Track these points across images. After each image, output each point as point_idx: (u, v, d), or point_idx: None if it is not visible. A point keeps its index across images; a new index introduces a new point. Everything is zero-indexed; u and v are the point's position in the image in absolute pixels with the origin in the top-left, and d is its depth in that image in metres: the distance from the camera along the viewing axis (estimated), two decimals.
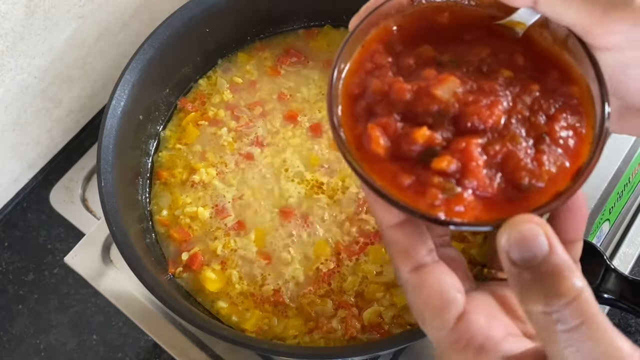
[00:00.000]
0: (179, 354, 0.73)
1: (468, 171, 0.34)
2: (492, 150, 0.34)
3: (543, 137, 0.35)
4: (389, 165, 0.35)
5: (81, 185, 0.90)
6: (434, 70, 0.37)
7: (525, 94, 0.36)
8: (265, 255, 0.72)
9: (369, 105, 0.37)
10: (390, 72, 0.38)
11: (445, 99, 0.35)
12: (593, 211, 0.77)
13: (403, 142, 0.35)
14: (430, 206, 0.33)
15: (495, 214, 0.34)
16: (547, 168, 0.34)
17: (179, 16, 0.75)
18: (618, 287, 0.59)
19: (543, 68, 0.38)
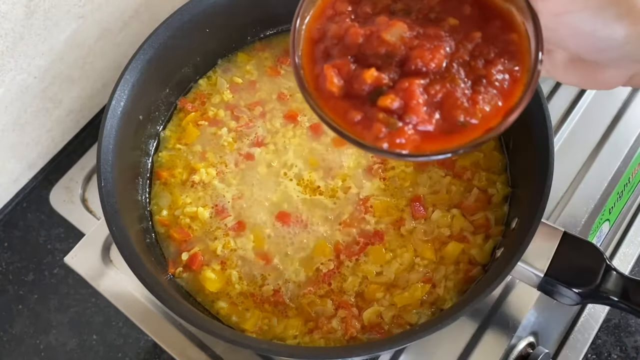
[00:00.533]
0: (178, 354, 0.73)
1: (409, 108, 0.38)
2: (433, 90, 0.38)
3: (480, 79, 0.39)
4: (342, 103, 0.39)
5: (81, 186, 0.90)
6: (386, 17, 0.40)
7: (467, 40, 0.40)
8: (265, 256, 0.71)
9: (327, 48, 0.41)
10: (348, 18, 0.42)
11: (393, 42, 0.39)
12: (593, 211, 0.77)
13: (354, 81, 0.39)
14: (375, 138, 0.38)
15: (433, 146, 0.38)
16: (481, 107, 0.39)
17: (179, 16, 0.75)
18: (618, 287, 0.59)
19: (488, 17, 0.41)
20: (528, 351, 0.71)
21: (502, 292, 0.73)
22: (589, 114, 0.84)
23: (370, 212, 0.72)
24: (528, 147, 0.67)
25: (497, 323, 0.71)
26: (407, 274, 0.69)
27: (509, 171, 0.74)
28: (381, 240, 0.71)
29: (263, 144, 0.78)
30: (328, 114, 0.40)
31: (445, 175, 0.74)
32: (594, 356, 0.78)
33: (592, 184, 0.79)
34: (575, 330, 0.76)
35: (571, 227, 0.75)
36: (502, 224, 0.71)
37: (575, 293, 0.60)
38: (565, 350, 0.75)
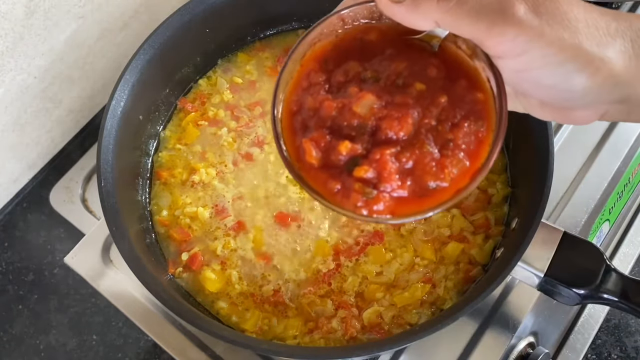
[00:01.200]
0: (178, 354, 0.73)
1: (382, 178, 0.40)
2: (404, 158, 0.40)
3: (448, 143, 0.41)
4: (321, 174, 0.42)
5: (81, 186, 0.90)
6: (357, 88, 0.42)
7: (434, 106, 0.41)
8: (264, 256, 0.71)
9: (304, 120, 0.43)
10: (322, 89, 0.43)
11: (363, 114, 0.41)
12: (593, 211, 0.77)
13: (331, 153, 0.41)
14: (354, 207, 0.41)
15: (408, 209, 0.41)
16: (449, 170, 0.40)
17: (178, 16, 0.75)
18: (618, 287, 0.59)
19: (454, 77, 0.43)
20: (528, 351, 0.71)
21: (502, 292, 0.73)
22: None
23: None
24: (528, 147, 0.67)
25: (497, 323, 0.71)
26: (407, 274, 0.69)
27: (509, 171, 0.74)
28: (381, 240, 0.71)
29: (263, 144, 0.78)
30: (311, 185, 0.42)
31: None
32: (594, 356, 0.78)
33: (592, 184, 0.79)
34: (575, 331, 0.76)
35: (571, 227, 0.75)
36: (502, 224, 0.71)
37: (575, 293, 0.60)
38: (565, 350, 0.75)
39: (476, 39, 0.39)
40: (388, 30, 0.45)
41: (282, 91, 0.45)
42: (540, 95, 0.42)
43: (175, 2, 0.78)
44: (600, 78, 0.38)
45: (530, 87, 0.41)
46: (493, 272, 0.64)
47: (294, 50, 0.44)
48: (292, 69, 0.45)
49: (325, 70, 0.45)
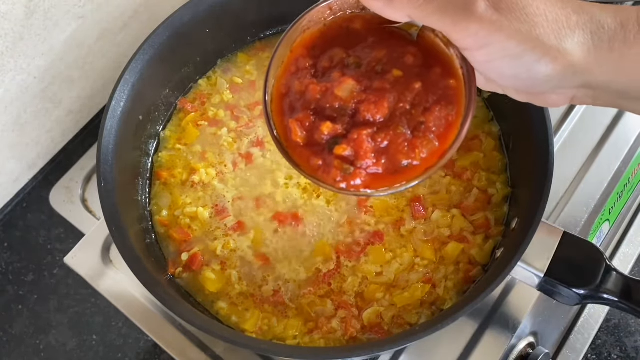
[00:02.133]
0: (178, 355, 0.73)
1: (359, 155, 0.45)
2: (379, 138, 0.45)
3: (420, 125, 0.45)
4: (305, 151, 0.47)
5: (81, 186, 0.90)
6: (340, 73, 0.46)
7: (409, 91, 0.45)
8: (264, 256, 0.71)
9: (292, 103, 0.48)
10: (309, 74, 0.48)
11: (344, 98, 0.46)
12: (593, 211, 0.77)
13: (315, 132, 0.46)
14: (334, 181, 0.46)
15: (382, 183, 0.46)
16: (420, 150, 0.45)
17: (178, 17, 0.75)
18: (618, 287, 0.59)
19: (429, 65, 0.46)
20: (528, 351, 0.71)
21: (502, 292, 0.73)
22: (589, 114, 0.84)
23: (370, 213, 0.72)
24: (528, 147, 0.67)
25: (497, 323, 0.71)
26: (407, 274, 0.69)
27: (509, 171, 0.74)
28: (381, 241, 0.71)
29: (263, 145, 0.78)
30: (296, 161, 0.48)
31: (445, 176, 0.74)
32: (594, 356, 0.78)
33: (592, 184, 0.79)
34: (575, 331, 0.76)
35: (571, 227, 0.75)
36: (502, 224, 0.71)
37: (575, 293, 0.60)
38: (565, 350, 0.75)
39: (444, 32, 0.43)
40: (372, 19, 0.48)
41: (273, 76, 0.49)
42: (506, 83, 0.45)
43: (175, 2, 0.77)
44: (560, 67, 0.41)
45: (496, 76, 0.44)
46: (493, 272, 0.64)
47: (285, 36, 0.48)
48: (282, 54, 0.49)
49: (313, 56, 0.49)
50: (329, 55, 0.48)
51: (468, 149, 0.75)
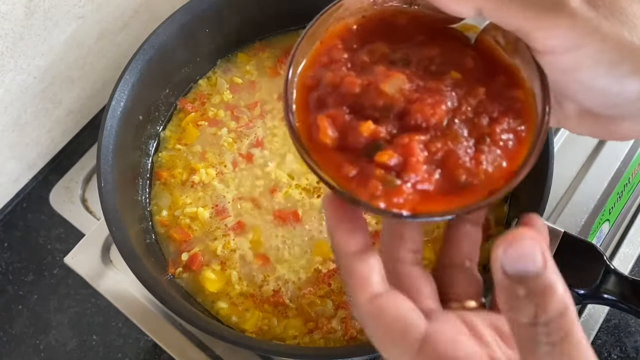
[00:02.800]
0: (178, 355, 0.73)
1: (408, 166, 0.35)
2: (434, 147, 0.35)
3: (484, 138, 0.36)
4: (336, 156, 0.36)
5: (81, 186, 0.90)
6: (384, 67, 0.38)
7: (471, 96, 0.37)
8: (264, 256, 0.71)
9: (321, 97, 0.38)
10: (344, 67, 0.39)
11: (392, 95, 0.36)
12: (593, 212, 0.77)
13: (350, 134, 0.36)
14: (371, 197, 0.35)
15: (432, 206, 0.35)
16: (484, 167, 0.36)
17: (178, 16, 0.75)
18: (618, 288, 0.59)
19: (491, 72, 0.39)
20: None
21: None
22: None
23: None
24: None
25: None
26: None
27: None
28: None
29: (263, 145, 0.78)
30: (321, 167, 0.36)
31: None
32: None
33: (592, 184, 0.79)
34: None
35: (571, 227, 0.75)
36: (502, 225, 0.71)
37: (575, 293, 0.59)
38: None
39: (522, 30, 0.35)
40: (420, 16, 0.41)
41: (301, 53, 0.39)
42: (586, 100, 0.38)
43: (175, 2, 0.77)
44: None
45: (577, 90, 0.37)
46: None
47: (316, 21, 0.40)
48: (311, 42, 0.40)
49: (349, 49, 0.40)
50: (369, 48, 0.40)
51: None
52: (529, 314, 0.30)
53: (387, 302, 0.34)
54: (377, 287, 0.35)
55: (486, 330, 0.36)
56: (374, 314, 0.34)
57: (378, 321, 0.34)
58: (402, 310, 0.34)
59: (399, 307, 0.34)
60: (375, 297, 0.35)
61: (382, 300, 0.35)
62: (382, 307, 0.34)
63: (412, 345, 0.33)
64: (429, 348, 0.33)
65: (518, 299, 0.30)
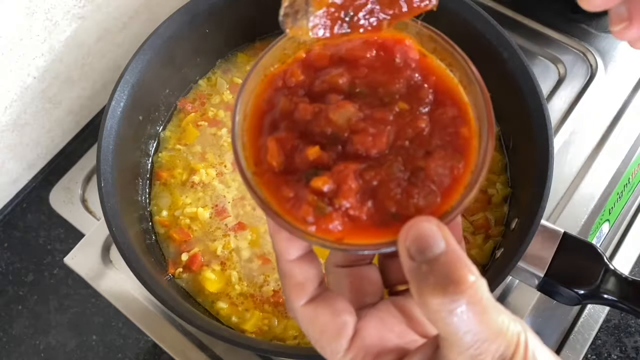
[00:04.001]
0: (178, 355, 0.73)
1: (341, 192, 0.35)
2: (368, 176, 0.36)
3: (419, 171, 0.36)
4: (276, 179, 0.37)
5: (81, 186, 0.90)
6: (337, 96, 0.38)
7: (412, 128, 0.37)
8: (265, 256, 0.71)
9: (275, 121, 0.39)
10: (300, 90, 0.39)
11: (340, 124, 0.37)
12: (593, 211, 0.77)
13: (297, 157, 0.37)
14: (302, 221, 0.35)
15: (363, 237, 0.36)
16: (415, 201, 0.35)
17: (178, 17, 0.75)
18: (618, 288, 0.59)
19: (443, 104, 0.39)
20: None
21: (502, 292, 0.73)
22: (589, 114, 0.84)
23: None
24: (528, 147, 0.67)
25: None
26: None
27: (509, 171, 0.74)
28: None
29: None
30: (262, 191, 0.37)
31: None
32: (594, 356, 0.78)
33: (592, 184, 0.79)
34: (575, 331, 0.76)
35: (571, 227, 0.75)
36: (502, 225, 0.71)
37: (575, 293, 0.60)
38: (565, 350, 0.75)
39: None
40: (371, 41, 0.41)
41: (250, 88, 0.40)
42: None
43: (175, 2, 0.77)
44: None
45: None
46: (493, 273, 0.64)
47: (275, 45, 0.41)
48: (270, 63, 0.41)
49: (307, 73, 0.40)
50: (324, 77, 0.40)
51: None
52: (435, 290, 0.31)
53: (321, 305, 0.38)
54: (311, 292, 0.38)
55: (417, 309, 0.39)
56: (309, 317, 0.37)
57: (313, 324, 0.37)
58: (334, 312, 0.37)
59: (331, 309, 0.37)
60: (310, 301, 0.38)
61: (316, 304, 0.38)
62: (316, 311, 0.37)
63: (343, 344, 0.36)
64: (359, 343, 0.36)
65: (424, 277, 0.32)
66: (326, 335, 0.37)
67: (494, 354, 0.32)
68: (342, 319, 0.37)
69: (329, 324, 0.37)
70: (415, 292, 0.33)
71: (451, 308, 0.31)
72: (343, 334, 0.37)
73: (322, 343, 0.37)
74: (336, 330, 0.37)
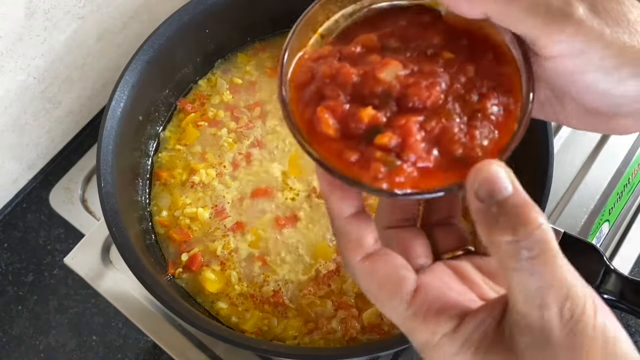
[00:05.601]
0: (178, 355, 0.73)
1: (407, 146, 0.36)
2: (429, 127, 0.37)
3: (476, 113, 0.38)
4: (337, 144, 0.38)
5: (81, 186, 0.90)
6: (379, 56, 0.39)
7: (461, 74, 0.39)
8: (264, 256, 0.71)
9: (318, 89, 0.39)
10: (335, 60, 0.40)
11: (389, 81, 0.38)
12: (593, 212, 0.77)
13: (350, 121, 0.38)
14: (373, 179, 0.36)
15: (432, 182, 0.37)
16: (478, 142, 0.38)
17: (178, 17, 0.75)
18: (618, 288, 0.59)
19: (480, 49, 0.40)
20: None
21: None
22: None
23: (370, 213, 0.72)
24: (528, 148, 0.67)
25: None
26: None
27: None
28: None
29: (263, 145, 0.78)
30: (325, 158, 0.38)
31: None
32: None
33: (592, 185, 0.79)
34: None
35: (571, 227, 0.75)
36: None
37: None
38: None
39: (529, 36, 0.36)
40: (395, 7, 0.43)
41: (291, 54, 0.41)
42: (587, 100, 0.39)
43: (175, 2, 0.78)
44: None
45: (579, 91, 0.38)
46: None
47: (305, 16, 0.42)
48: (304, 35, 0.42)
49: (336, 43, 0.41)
50: (358, 40, 0.41)
51: None
52: (506, 230, 0.32)
53: (379, 260, 0.37)
54: (369, 247, 0.38)
55: (473, 272, 0.40)
56: (367, 271, 0.37)
57: (371, 278, 0.37)
58: (393, 267, 0.37)
59: (390, 264, 0.37)
60: (368, 257, 0.37)
61: (374, 259, 0.37)
62: (375, 265, 0.37)
63: (405, 297, 0.36)
64: (421, 297, 0.36)
65: (494, 217, 0.33)
66: (386, 289, 0.36)
67: (561, 304, 0.32)
68: (402, 273, 0.37)
69: (388, 277, 0.36)
70: (484, 232, 0.33)
71: (521, 247, 0.31)
72: (403, 288, 0.36)
73: (382, 298, 0.36)
74: (396, 283, 0.36)
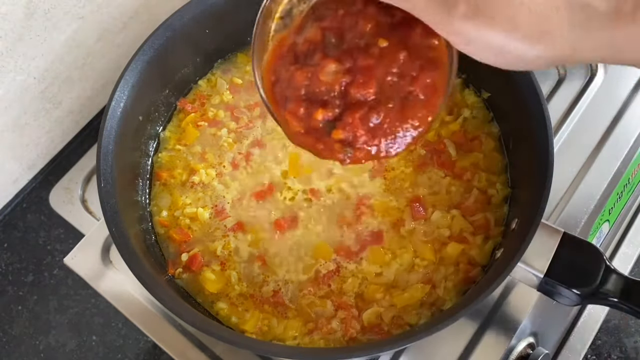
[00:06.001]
0: (178, 355, 0.73)
1: (356, 138, 0.47)
2: (372, 117, 0.46)
3: (409, 95, 0.46)
4: (307, 138, 0.48)
5: (81, 186, 0.90)
6: (321, 54, 0.47)
7: (394, 64, 0.46)
8: (264, 257, 0.71)
9: (282, 91, 0.48)
10: (291, 57, 0.48)
11: (329, 81, 0.46)
12: (593, 212, 0.77)
13: (310, 120, 0.47)
14: (341, 161, 0.48)
15: None
16: (413, 120, 0.47)
17: (178, 17, 0.75)
18: (618, 288, 0.59)
19: (412, 21, 0.45)
20: (528, 352, 0.71)
21: (502, 292, 0.73)
22: (589, 114, 0.84)
23: (370, 213, 0.72)
24: (528, 148, 0.67)
25: (497, 324, 0.71)
26: (407, 275, 0.69)
27: (509, 172, 0.74)
28: (381, 241, 0.71)
29: (263, 145, 0.78)
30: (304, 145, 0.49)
31: (445, 176, 0.74)
32: (594, 357, 0.78)
33: (592, 185, 0.79)
34: (575, 331, 0.76)
35: (571, 227, 0.75)
36: (502, 225, 0.71)
37: (575, 294, 0.59)
38: (565, 351, 0.75)
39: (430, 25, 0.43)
40: None
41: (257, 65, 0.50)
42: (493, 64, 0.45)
43: (175, 2, 0.78)
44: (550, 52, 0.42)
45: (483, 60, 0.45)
46: (493, 273, 0.64)
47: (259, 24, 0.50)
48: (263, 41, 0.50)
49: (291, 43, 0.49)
50: (305, 37, 0.48)
51: (468, 150, 0.75)
52: None
53: None
54: None
55: None
56: None
57: None
58: None
59: None
60: None
61: None
62: None
63: None
64: None
65: None
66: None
67: None
68: None
69: None
70: None
71: None
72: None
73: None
74: None
